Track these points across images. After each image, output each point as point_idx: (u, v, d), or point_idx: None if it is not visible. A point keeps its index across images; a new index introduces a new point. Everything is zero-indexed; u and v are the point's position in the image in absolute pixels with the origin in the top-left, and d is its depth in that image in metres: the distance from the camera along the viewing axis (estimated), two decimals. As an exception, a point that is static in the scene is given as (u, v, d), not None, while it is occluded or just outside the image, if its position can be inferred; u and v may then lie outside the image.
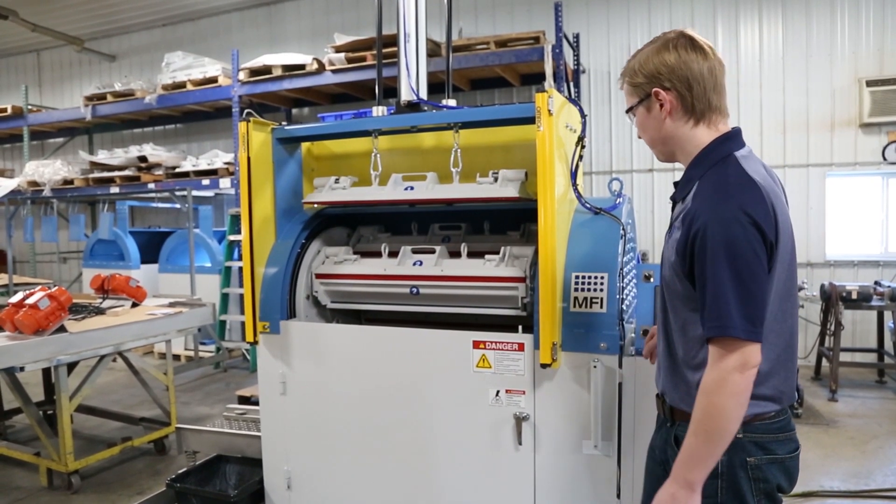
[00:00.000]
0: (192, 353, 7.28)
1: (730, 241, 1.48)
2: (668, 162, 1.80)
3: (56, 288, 3.91)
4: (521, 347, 2.45)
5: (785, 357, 1.65)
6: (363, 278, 2.83)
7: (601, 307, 2.32)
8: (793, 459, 1.66)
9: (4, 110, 9.72)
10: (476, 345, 2.52)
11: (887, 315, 6.11)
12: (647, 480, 1.91)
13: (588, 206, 2.55)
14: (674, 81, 1.63)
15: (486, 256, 2.64)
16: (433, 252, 2.75)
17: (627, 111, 1.77)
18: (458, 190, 2.71)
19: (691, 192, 1.63)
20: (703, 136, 1.67)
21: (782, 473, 1.64)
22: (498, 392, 2.50)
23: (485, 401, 2.52)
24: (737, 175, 1.58)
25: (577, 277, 2.38)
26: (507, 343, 2.47)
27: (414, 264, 2.75)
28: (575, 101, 2.64)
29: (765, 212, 1.52)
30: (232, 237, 7.22)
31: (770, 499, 1.64)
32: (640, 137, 1.82)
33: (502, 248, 2.64)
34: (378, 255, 2.88)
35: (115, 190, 8.68)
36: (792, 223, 1.68)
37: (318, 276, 2.92)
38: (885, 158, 6.70)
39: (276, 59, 7.60)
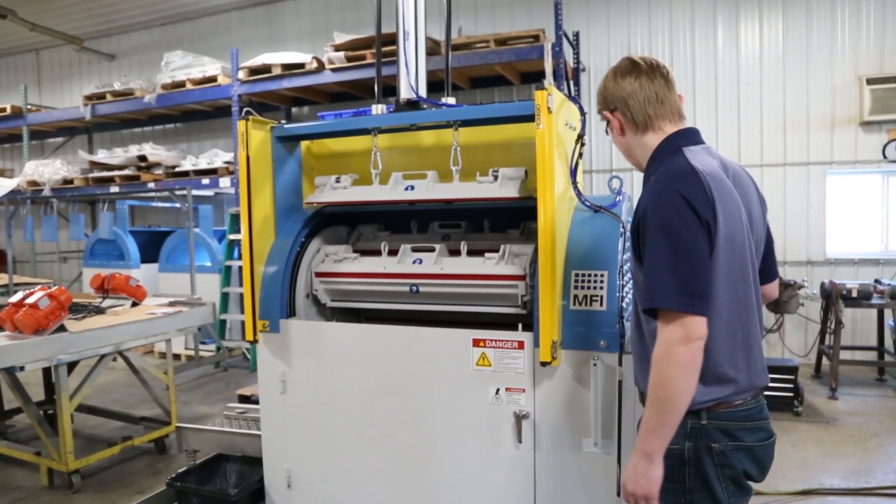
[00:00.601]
0: (192, 353, 7.28)
1: (664, 219, 1.60)
2: (640, 170, 1.94)
3: (56, 287, 3.91)
4: (520, 345, 2.45)
5: (744, 340, 1.70)
6: (363, 276, 2.83)
7: (601, 305, 2.32)
8: (763, 448, 1.71)
9: (4, 110, 9.71)
10: (476, 343, 2.52)
11: (887, 313, 6.11)
12: None
13: (588, 203, 2.55)
14: (615, 103, 1.85)
15: (486, 255, 2.64)
16: (433, 250, 2.75)
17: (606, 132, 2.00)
18: (458, 189, 2.71)
19: (645, 185, 1.81)
20: (652, 140, 1.84)
21: (750, 461, 1.68)
22: (498, 390, 2.50)
23: (485, 399, 2.52)
24: (679, 165, 1.71)
25: (576, 275, 2.38)
26: (507, 341, 2.47)
27: (413, 262, 2.75)
28: (574, 99, 2.64)
29: (700, 194, 1.62)
30: (232, 236, 7.22)
31: (737, 484, 1.69)
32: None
33: (502, 247, 2.64)
34: (378, 253, 2.88)
35: (114, 189, 8.67)
36: (754, 213, 1.79)
37: (318, 274, 2.92)
38: (885, 156, 6.70)
39: (276, 58, 7.60)
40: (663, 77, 1.84)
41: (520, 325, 2.53)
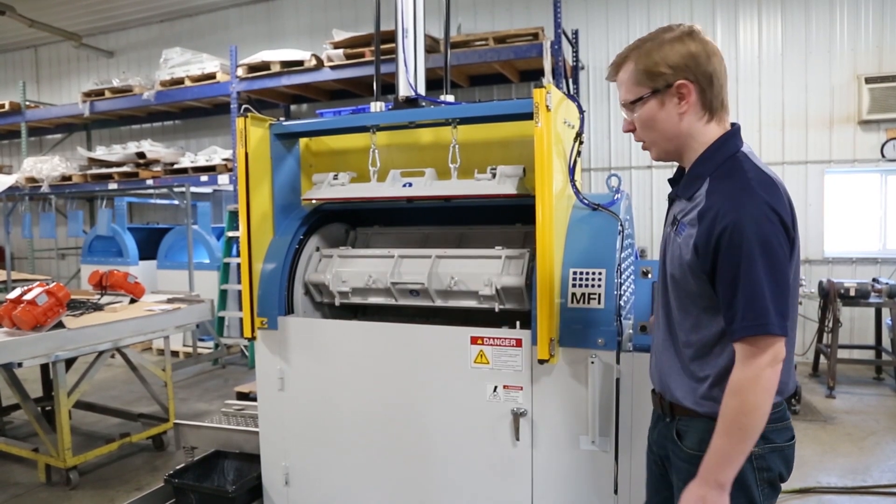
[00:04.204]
0: (190, 350, 7.27)
1: (764, 239, 1.46)
2: (664, 161, 1.75)
3: (54, 284, 3.91)
4: (518, 343, 2.46)
5: (790, 350, 1.65)
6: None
7: (599, 303, 2.32)
8: (790, 448, 1.68)
9: (2, 106, 9.69)
10: (474, 340, 2.52)
11: (885, 312, 6.12)
12: (649, 476, 1.93)
13: (586, 202, 2.55)
14: (698, 75, 1.58)
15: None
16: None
17: (632, 103, 1.66)
18: (456, 187, 2.71)
19: (701, 189, 1.60)
20: (713, 132, 1.64)
21: (782, 462, 1.65)
22: (496, 388, 2.50)
23: (482, 396, 2.52)
24: (755, 172, 1.56)
25: (574, 273, 2.38)
26: (505, 339, 2.47)
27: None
28: (573, 96, 2.64)
29: (786, 209, 1.52)
30: (230, 233, 7.21)
31: (772, 487, 1.65)
32: (629, 131, 1.74)
33: (501, 245, 2.64)
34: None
35: (113, 186, 8.66)
36: None
37: (313, 284, 2.94)
38: (883, 155, 6.71)
39: (275, 55, 7.59)
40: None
41: (517, 323, 2.54)
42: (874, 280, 5.99)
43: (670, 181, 1.81)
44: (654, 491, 1.92)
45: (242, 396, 4.86)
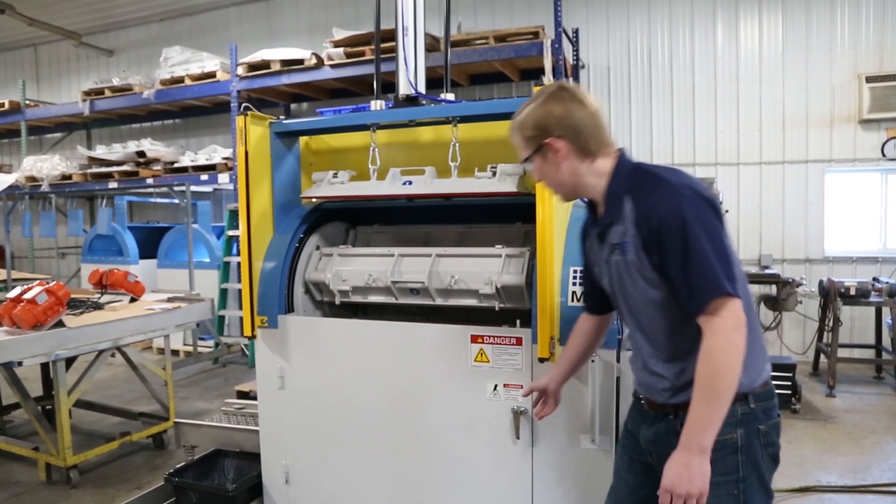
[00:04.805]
0: (190, 349, 7.27)
1: (697, 216, 1.60)
2: (570, 200, 1.94)
3: (54, 283, 3.90)
4: (518, 342, 2.46)
5: (755, 325, 1.76)
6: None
7: (599, 302, 2.31)
8: (780, 420, 1.79)
9: (2, 105, 9.68)
10: (474, 339, 2.52)
11: (885, 311, 6.11)
12: (627, 477, 1.96)
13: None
14: (563, 130, 1.75)
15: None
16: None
17: (524, 161, 1.86)
18: (456, 185, 2.70)
19: (625, 206, 1.71)
20: (602, 166, 1.78)
21: (777, 435, 1.76)
22: (496, 386, 2.50)
23: (483, 395, 2.53)
24: (661, 170, 1.72)
25: (575, 272, 2.38)
26: (505, 337, 2.47)
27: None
28: (574, 95, 2.63)
29: (704, 188, 1.68)
30: (230, 232, 7.20)
31: (775, 461, 1.75)
32: (538, 181, 1.93)
33: (501, 244, 2.64)
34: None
35: (113, 185, 8.66)
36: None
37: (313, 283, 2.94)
38: (884, 155, 6.70)
39: (275, 53, 7.58)
40: (600, 109, 1.83)
41: (518, 322, 2.54)
42: (874, 279, 5.99)
43: (586, 226, 1.96)
44: (630, 491, 1.95)
45: (243, 395, 4.85)
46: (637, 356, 1.89)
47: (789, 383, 5.17)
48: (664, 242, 1.61)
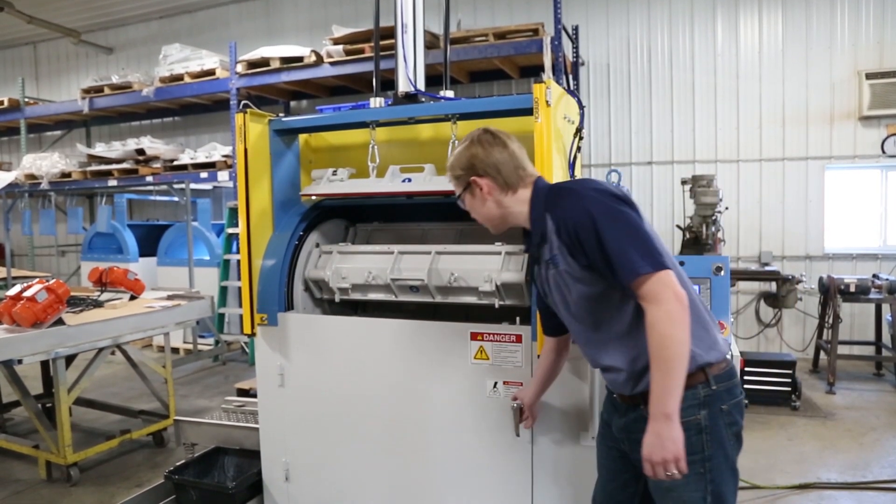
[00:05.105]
0: (190, 347, 7.26)
1: (605, 209, 1.75)
2: (501, 232, 2.08)
3: (54, 281, 3.91)
4: (518, 339, 2.46)
5: (703, 309, 1.87)
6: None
7: (599, 299, 2.31)
8: (742, 398, 1.88)
9: (1, 103, 9.66)
10: (474, 336, 2.52)
11: (885, 308, 6.12)
12: (608, 466, 2.07)
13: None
14: (485, 169, 1.95)
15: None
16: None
17: (457, 198, 2.07)
18: (455, 182, 2.70)
19: (548, 223, 1.87)
20: (524, 193, 1.97)
21: (740, 414, 1.84)
22: (496, 383, 2.50)
23: (482, 392, 2.53)
24: (566, 182, 1.95)
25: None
26: (505, 334, 2.47)
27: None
28: (573, 92, 2.63)
29: (607, 184, 1.86)
30: (230, 230, 7.20)
31: (738, 440, 1.84)
32: (473, 217, 2.09)
33: (501, 241, 2.63)
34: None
35: (113, 183, 8.65)
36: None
37: (313, 280, 2.93)
38: (884, 151, 6.69)
39: (274, 51, 7.57)
40: (520, 147, 2.01)
41: (517, 319, 2.54)
42: (874, 276, 5.99)
43: (525, 244, 2.15)
44: (611, 477, 2.06)
45: (243, 393, 4.85)
46: (591, 360, 2.01)
47: (789, 380, 5.17)
48: (584, 243, 1.76)
